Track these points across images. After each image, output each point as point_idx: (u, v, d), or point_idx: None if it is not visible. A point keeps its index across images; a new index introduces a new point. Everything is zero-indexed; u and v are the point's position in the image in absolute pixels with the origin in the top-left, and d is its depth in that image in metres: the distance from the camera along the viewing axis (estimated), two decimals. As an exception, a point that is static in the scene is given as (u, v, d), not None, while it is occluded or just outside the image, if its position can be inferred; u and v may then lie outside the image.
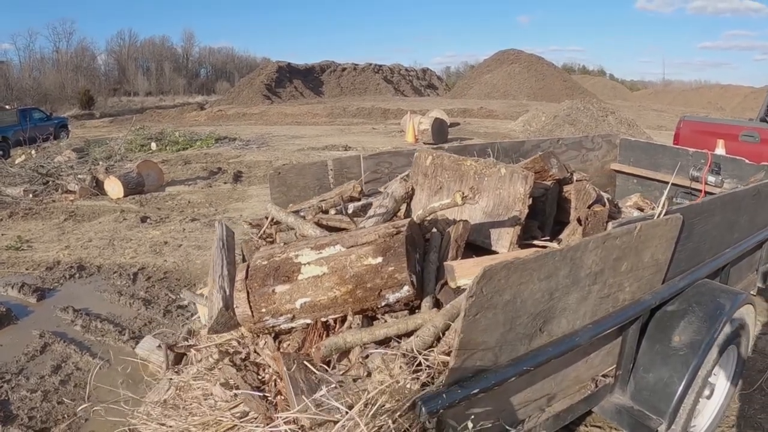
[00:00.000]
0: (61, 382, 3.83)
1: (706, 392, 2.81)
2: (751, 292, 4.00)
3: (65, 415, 3.45)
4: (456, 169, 3.05)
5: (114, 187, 9.98)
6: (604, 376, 2.59)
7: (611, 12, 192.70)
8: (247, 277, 2.39)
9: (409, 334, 2.14)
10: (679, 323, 2.60)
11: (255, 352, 2.45)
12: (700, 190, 4.79)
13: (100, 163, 12.16)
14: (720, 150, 6.38)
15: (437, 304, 2.33)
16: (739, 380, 3.23)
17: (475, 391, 1.71)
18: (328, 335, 2.33)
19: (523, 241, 2.88)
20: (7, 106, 23.43)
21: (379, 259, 2.27)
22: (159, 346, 3.02)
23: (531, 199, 2.79)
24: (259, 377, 2.30)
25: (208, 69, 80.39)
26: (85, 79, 54.93)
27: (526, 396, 2.17)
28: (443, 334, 2.07)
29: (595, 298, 2.15)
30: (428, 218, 2.77)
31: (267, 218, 3.26)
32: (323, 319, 2.38)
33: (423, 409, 1.62)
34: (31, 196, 9.94)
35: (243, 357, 2.45)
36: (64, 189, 10.29)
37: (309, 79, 51.24)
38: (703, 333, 2.53)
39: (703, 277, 2.88)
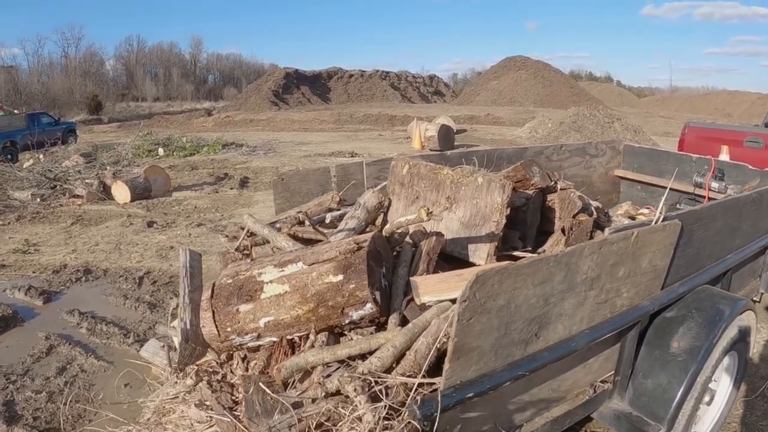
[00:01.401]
0: (65, 384, 3.87)
1: (706, 398, 2.81)
2: (754, 298, 4.00)
3: (69, 417, 3.48)
4: (432, 178, 3.00)
5: (121, 192, 10.04)
6: (602, 381, 2.59)
7: (618, 19, 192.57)
8: (212, 296, 2.39)
9: (373, 353, 2.11)
10: (678, 329, 2.61)
11: (231, 371, 2.46)
12: (704, 197, 4.79)
13: (108, 168, 12.24)
14: (724, 156, 6.38)
15: (404, 321, 2.30)
16: (740, 387, 3.23)
17: (470, 395, 1.72)
18: (293, 353, 2.31)
19: (503, 251, 2.83)
20: (15, 111, 23.65)
21: (340, 277, 2.24)
22: (162, 347, 3.05)
23: (510, 209, 2.74)
24: (233, 397, 2.31)
25: (215, 75, 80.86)
26: (94, 84, 55.26)
27: (523, 401, 2.18)
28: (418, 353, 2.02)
29: (592, 304, 2.16)
30: (397, 232, 2.74)
31: (243, 229, 3.25)
32: (289, 337, 2.36)
33: (418, 412, 1.63)
34: (38, 200, 10.02)
35: (219, 378, 2.46)
36: (72, 193, 10.36)
37: (316, 85, 51.30)
38: (702, 339, 2.54)
39: (704, 283, 2.89)
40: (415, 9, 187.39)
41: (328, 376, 2.09)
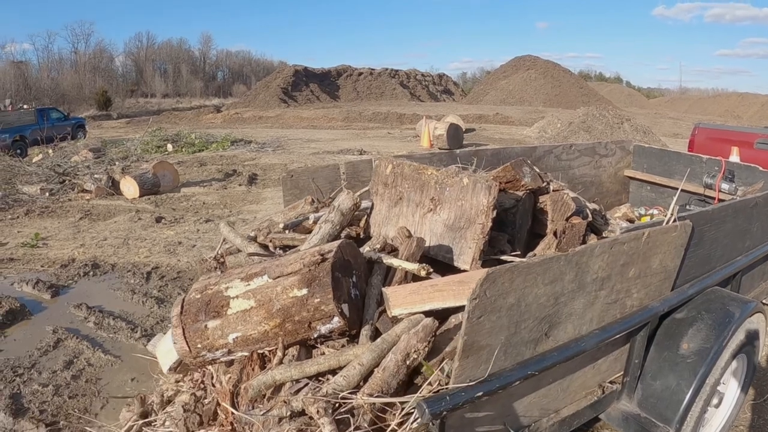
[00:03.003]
0: (72, 377, 3.88)
1: (715, 401, 2.78)
2: (764, 301, 3.96)
3: (75, 410, 3.49)
4: (417, 178, 2.88)
5: (130, 187, 10.09)
6: (611, 382, 2.58)
7: (629, 19, 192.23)
8: (181, 313, 2.37)
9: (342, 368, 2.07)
10: (688, 331, 2.59)
11: (212, 384, 2.45)
12: (714, 198, 4.76)
13: (117, 163, 12.31)
14: (734, 157, 6.34)
15: (377, 334, 2.23)
16: (748, 390, 3.20)
17: (479, 394, 1.70)
18: (263, 367, 2.28)
19: (490, 255, 2.73)
20: (25, 106, 23.80)
21: (305, 291, 2.19)
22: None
23: (498, 211, 2.62)
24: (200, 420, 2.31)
25: (224, 72, 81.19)
26: (103, 80, 55.58)
27: (531, 400, 2.17)
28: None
29: (602, 304, 2.15)
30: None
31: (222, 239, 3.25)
32: (260, 351, 2.32)
33: (426, 410, 1.62)
34: (47, 194, 10.06)
35: (193, 394, 2.46)
36: (81, 188, 10.41)
37: (325, 83, 51.23)
38: (711, 341, 2.51)
39: (714, 285, 2.86)
40: (425, 7, 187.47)
41: (298, 391, 2.05)
